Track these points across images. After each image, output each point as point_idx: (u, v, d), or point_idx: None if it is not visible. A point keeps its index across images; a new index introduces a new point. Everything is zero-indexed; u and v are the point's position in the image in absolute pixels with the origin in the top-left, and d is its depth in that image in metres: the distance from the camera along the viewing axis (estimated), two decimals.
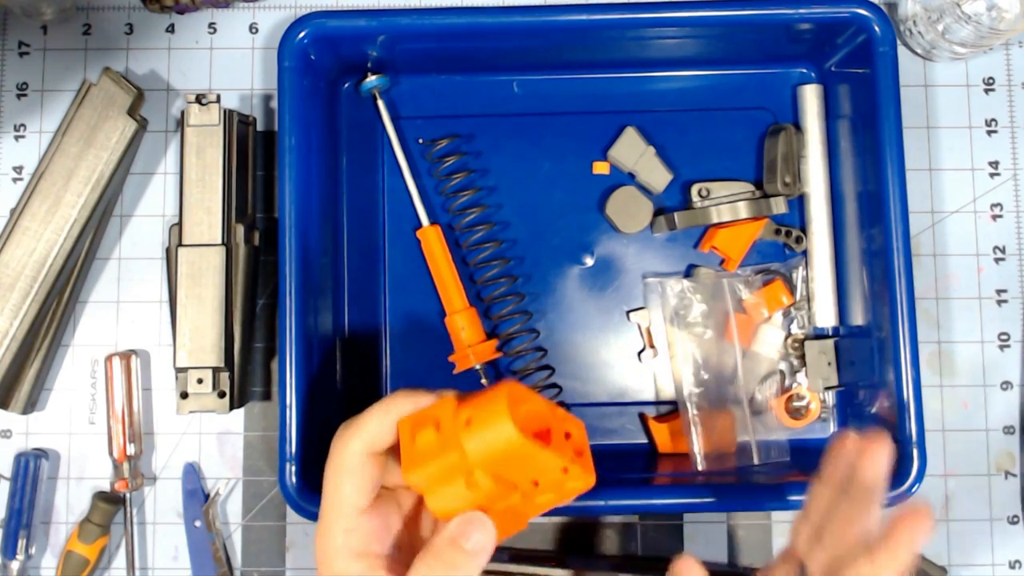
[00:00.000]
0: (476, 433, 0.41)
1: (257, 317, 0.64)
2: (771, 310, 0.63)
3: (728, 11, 0.58)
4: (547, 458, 0.42)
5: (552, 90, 0.65)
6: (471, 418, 0.42)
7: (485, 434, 0.41)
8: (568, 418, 0.46)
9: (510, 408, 0.41)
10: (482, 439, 0.41)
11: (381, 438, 0.45)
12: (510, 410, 0.41)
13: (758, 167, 0.64)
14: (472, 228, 0.63)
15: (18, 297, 0.59)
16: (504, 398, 0.41)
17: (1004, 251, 0.65)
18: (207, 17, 0.66)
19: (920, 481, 0.56)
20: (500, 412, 0.41)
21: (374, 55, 0.62)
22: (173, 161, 0.65)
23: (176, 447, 0.63)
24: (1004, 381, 0.64)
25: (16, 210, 0.60)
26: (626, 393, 0.64)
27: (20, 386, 0.61)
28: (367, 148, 0.65)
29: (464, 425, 0.42)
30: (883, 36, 0.58)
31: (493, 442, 0.41)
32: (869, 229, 0.59)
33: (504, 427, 0.41)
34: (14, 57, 0.66)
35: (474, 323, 0.61)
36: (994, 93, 0.66)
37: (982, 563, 0.63)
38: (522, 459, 0.42)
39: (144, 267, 0.64)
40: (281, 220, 0.57)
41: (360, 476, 0.44)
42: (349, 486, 0.44)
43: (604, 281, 0.64)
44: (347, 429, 0.46)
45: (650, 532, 0.63)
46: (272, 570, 0.63)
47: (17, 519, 0.60)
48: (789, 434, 0.63)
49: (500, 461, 0.42)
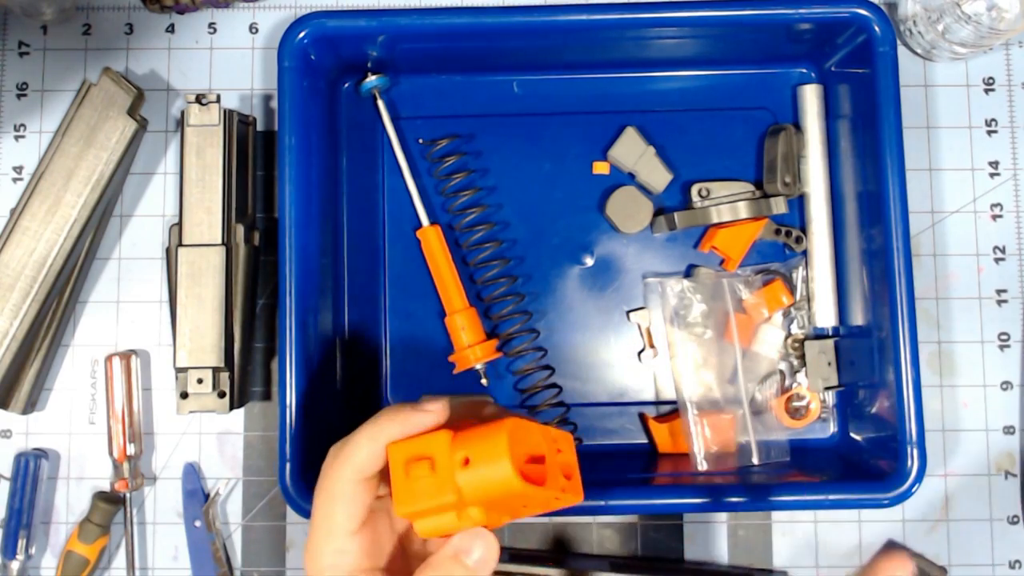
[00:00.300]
0: (474, 475, 0.41)
1: (257, 317, 0.63)
2: (771, 310, 0.63)
3: (728, 11, 0.58)
4: (542, 494, 0.42)
5: (552, 90, 0.65)
6: (470, 458, 0.41)
7: (484, 477, 0.40)
8: (559, 436, 0.45)
9: (511, 450, 0.40)
10: (480, 482, 0.41)
11: (371, 463, 0.44)
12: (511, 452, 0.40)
13: (758, 167, 0.64)
14: (472, 228, 0.63)
15: (18, 297, 0.59)
16: (505, 441, 0.40)
17: (1004, 251, 0.65)
18: (207, 17, 0.66)
19: (920, 481, 0.56)
20: (501, 456, 0.40)
21: (374, 55, 0.62)
22: (173, 161, 0.65)
23: (176, 447, 0.63)
24: (1004, 381, 0.64)
25: (16, 210, 0.60)
26: (626, 393, 0.64)
27: (20, 386, 0.61)
28: (367, 148, 0.65)
29: (461, 464, 0.41)
30: (883, 36, 0.58)
31: (492, 486, 0.40)
32: (869, 229, 0.59)
33: (505, 473, 0.40)
34: (14, 57, 0.66)
35: (474, 323, 0.61)
36: (994, 93, 0.66)
37: (982, 563, 0.63)
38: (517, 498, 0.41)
39: (144, 267, 0.64)
40: (281, 220, 0.57)
41: (351, 503, 0.44)
42: (340, 513, 0.44)
43: (604, 281, 0.64)
44: (337, 455, 0.45)
45: (650, 532, 0.63)
46: (272, 570, 0.63)
47: (17, 519, 0.60)
48: (789, 434, 0.63)
49: (496, 500, 0.42)
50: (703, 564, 0.62)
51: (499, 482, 0.40)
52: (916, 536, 0.63)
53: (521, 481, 0.40)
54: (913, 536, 0.63)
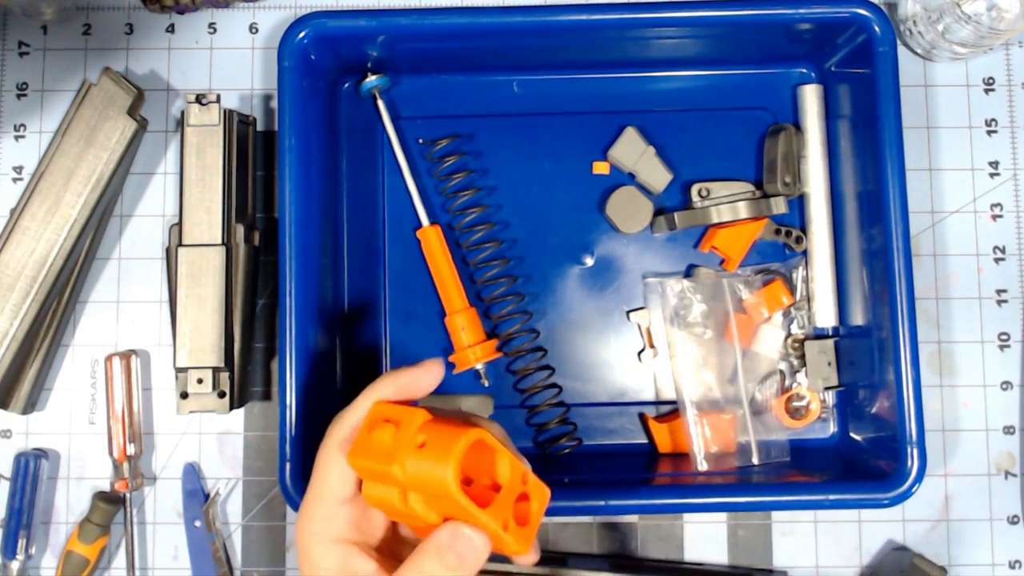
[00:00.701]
0: (420, 461, 0.41)
1: (257, 317, 0.64)
2: (771, 310, 0.63)
3: (728, 11, 0.58)
4: (479, 517, 0.41)
5: (552, 90, 0.65)
6: (427, 443, 0.42)
7: (426, 467, 0.41)
8: (535, 486, 0.45)
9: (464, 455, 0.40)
10: (422, 469, 0.41)
11: None
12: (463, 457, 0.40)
13: (758, 167, 0.64)
14: (472, 228, 0.63)
15: (18, 297, 0.59)
16: (461, 446, 0.41)
17: (1004, 251, 0.65)
18: (207, 17, 0.66)
19: (920, 481, 0.56)
20: (449, 456, 0.40)
21: (374, 55, 0.62)
22: (173, 161, 0.65)
23: (176, 447, 0.63)
24: (1004, 381, 0.64)
25: (16, 210, 0.60)
26: (626, 393, 0.64)
27: (20, 386, 0.61)
28: (367, 148, 0.65)
29: (416, 446, 0.42)
30: (883, 36, 0.58)
31: (429, 479, 0.41)
32: (869, 229, 0.59)
33: (444, 473, 0.40)
34: (14, 57, 0.66)
35: (474, 323, 0.61)
36: (994, 93, 0.66)
37: (982, 563, 0.63)
38: (454, 506, 0.41)
39: (144, 267, 0.64)
40: (281, 220, 0.57)
41: (347, 466, 0.44)
42: (335, 475, 0.45)
43: (604, 281, 0.64)
44: (337, 419, 0.46)
45: (650, 532, 0.63)
46: (272, 570, 0.63)
47: (17, 519, 0.60)
48: (789, 434, 0.63)
49: (433, 497, 0.42)
50: (703, 564, 0.62)
51: (436, 478, 0.40)
52: (916, 536, 0.63)
53: (457, 488, 0.40)
54: (913, 536, 0.63)
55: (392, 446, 0.42)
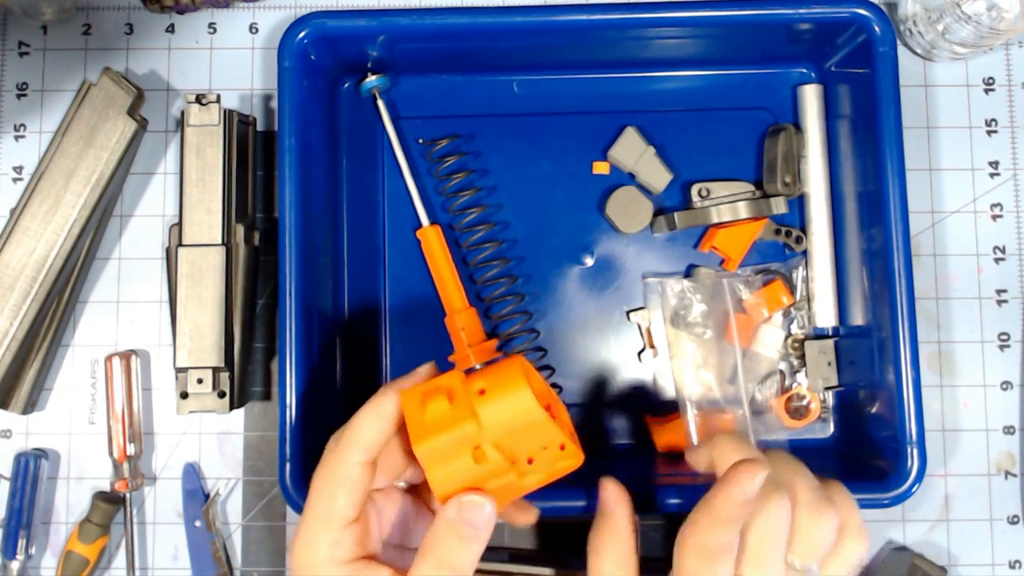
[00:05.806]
0: (493, 402, 0.41)
1: (257, 317, 0.64)
2: (771, 310, 0.63)
3: (728, 11, 0.58)
4: (553, 430, 0.42)
5: (552, 90, 0.65)
6: (486, 388, 0.42)
7: (503, 403, 0.41)
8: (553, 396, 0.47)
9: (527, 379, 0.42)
10: (499, 408, 0.41)
11: (376, 444, 0.44)
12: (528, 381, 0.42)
13: (758, 167, 0.64)
14: (472, 228, 0.63)
15: (18, 297, 0.59)
16: (520, 369, 0.42)
17: (1004, 251, 0.65)
18: (207, 17, 0.66)
19: (920, 481, 0.56)
20: (518, 381, 0.41)
21: (374, 55, 0.62)
22: (173, 161, 0.65)
23: (176, 447, 0.63)
24: (1004, 381, 0.64)
25: (16, 210, 0.60)
26: (626, 393, 0.64)
27: (20, 386, 0.61)
28: (367, 148, 0.65)
29: (477, 395, 0.42)
30: (883, 36, 0.58)
31: (511, 410, 0.41)
32: (869, 229, 0.59)
33: (523, 395, 0.41)
34: (14, 57, 0.66)
35: (474, 323, 0.61)
36: (994, 93, 0.66)
37: (982, 563, 0.63)
38: (533, 430, 0.42)
39: (144, 267, 0.64)
40: (281, 220, 0.57)
41: (356, 488, 0.43)
42: (343, 498, 0.43)
43: (604, 281, 0.64)
44: (339, 438, 0.45)
45: (650, 532, 0.62)
46: (272, 570, 0.63)
47: (17, 519, 0.60)
48: (789, 434, 0.63)
49: (513, 432, 0.42)
50: None
51: (518, 408, 0.41)
52: (916, 536, 0.63)
53: (537, 404, 0.41)
54: (913, 536, 0.63)
55: (453, 409, 0.42)
